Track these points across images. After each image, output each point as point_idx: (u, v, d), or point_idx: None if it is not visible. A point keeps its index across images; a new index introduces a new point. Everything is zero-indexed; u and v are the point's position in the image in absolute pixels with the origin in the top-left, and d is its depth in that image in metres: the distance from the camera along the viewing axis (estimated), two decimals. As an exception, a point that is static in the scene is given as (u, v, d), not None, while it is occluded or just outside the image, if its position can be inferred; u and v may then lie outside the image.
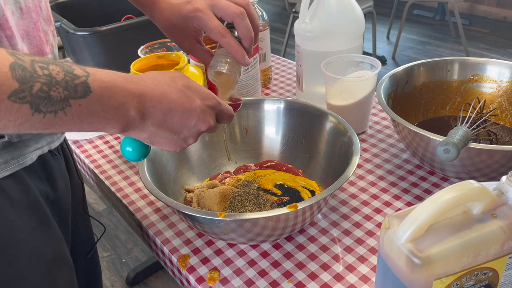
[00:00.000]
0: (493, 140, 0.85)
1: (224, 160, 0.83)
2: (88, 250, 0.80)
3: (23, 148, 0.57)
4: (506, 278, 0.46)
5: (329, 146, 0.77)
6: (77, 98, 0.43)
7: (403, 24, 3.30)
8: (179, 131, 0.53)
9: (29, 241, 0.58)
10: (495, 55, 3.31)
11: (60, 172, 0.67)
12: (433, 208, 0.42)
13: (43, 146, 0.61)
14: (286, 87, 1.16)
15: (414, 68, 0.91)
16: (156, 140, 0.52)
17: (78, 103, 0.43)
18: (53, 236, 0.62)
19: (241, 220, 0.58)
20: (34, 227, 0.58)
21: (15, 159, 0.56)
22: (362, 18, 0.96)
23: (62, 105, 0.43)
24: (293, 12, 2.99)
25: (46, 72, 0.42)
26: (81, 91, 0.44)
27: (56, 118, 0.43)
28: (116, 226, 1.93)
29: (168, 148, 0.55)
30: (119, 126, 0.48)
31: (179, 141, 0.54)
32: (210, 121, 0.54)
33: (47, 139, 0.62)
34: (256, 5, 1.12)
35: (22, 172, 0.57)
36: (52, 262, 0.61)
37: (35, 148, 0.59)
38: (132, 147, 0.55)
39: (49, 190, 0.63)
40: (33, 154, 0.59)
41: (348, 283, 0.62)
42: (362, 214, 0.74)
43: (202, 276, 0.65)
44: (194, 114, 0.52)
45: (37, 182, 0.60)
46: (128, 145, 0.55)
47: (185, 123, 0.52)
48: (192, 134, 0.54)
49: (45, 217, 0.60)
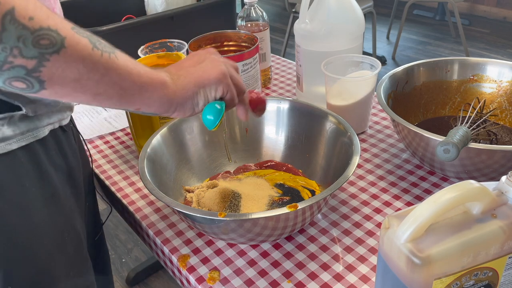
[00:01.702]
0: (493, 140, 0.85)
1: (224, 160, 0.83)
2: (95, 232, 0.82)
3: (36, 122, 0.60)
4: (506, 278, 0.46)
5: (329, 146, 0.77)
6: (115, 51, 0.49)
7: (403, 24, 3.30)
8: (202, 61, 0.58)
9: (41, 209, 0.60)
10: (495, 55, 3.31)
11: (71, 147, 0.69)
12: (433, 208, 0.42)
13: (55, 122, 0.63)
14: (286, 87, 1.16)
15: (414, 68, 0.91)
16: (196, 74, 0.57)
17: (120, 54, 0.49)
18: (65, 208, 0.64)
19: (241, 220, 0.58)
20: (46, 197, 0.61)
21: (30, 131, 0.59)
22: (362, 18, 0.96)
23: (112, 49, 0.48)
24: (293, 12, 2.99)
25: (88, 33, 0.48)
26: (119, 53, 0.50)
27: (110, 59, 0.47)
28: (116, 226, 1.93)
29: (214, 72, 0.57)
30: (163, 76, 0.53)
31: (209, 64, 0.58)
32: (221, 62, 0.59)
33: (58, 116, 0.64)
34: (256, 5, 1.12)
35: (36, 144, 0.60)
36: (62, 232, 0.63)
37: (47, 123, 0.61)
38: (212, 115, 0.60)
39: (62, 163, 0.65)
40: (46, 128, 0.61)
41: (348, 283, 0.62)
42: (362, 214, 0.74)
43: (202, 276, 0.65)
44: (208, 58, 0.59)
45: (50, 154, 0.63)
46: (209, 113, 0.60)
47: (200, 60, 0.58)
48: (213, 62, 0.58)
49: (57, 189, 0.63)
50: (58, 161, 0.64)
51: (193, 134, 0.81)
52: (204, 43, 1.03)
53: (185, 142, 0.80)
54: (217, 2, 1.28)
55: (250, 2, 1.10)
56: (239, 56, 0.92)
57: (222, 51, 1.05)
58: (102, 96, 0.48)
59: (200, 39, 1.02)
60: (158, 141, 0.74)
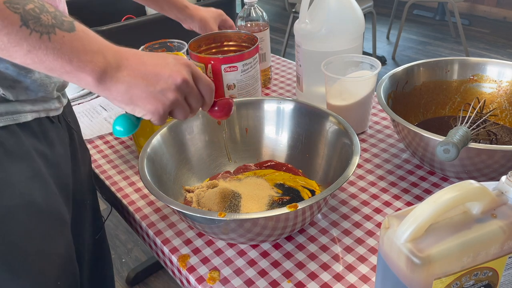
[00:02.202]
0: (493, 140, 0.85)
1: (224, 160, 0.83)
2: (96, 230, 0.82)
3: (18, 106, 0.60)
4: (506, 278, 0.46)
5: (329, 146, 0.77)
6: (62, 29, 0.48)
7: (403, 24, 3.30)
8: (155, 83, 0.54)
9: (22, 188, 0.60)
10: (495, 55, 3.31)
11: (60, 139, 0.69)
12: (433, 208, 0.42)
13: (40, 110, 0.63)
14: (286, 87, 1.16)
15: (414, 68, 0.91)
16: (135, 94, 0.54)
17: (62, 35, 0.48)
18: (47, 191, 0.64)
19: (241, 220, 0.58)
20: (27, 176, 0.61)
21: (9, 114, 0.59)
22: (362, 18, 0.96)
23: (48, 30, 0.47)
24: (293, 12, 2.99)
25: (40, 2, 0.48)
26: (67, 26, 0.49)
27: (40, 40, 0.47)
28: (116, 226, 1.93)
29: (148, 105, 0.55)
30: (96, 71, 0.50)
31: (158, 95, 0.54)
32: (184, 74, 0.56)
33: (44, 104, 0.64)
34: (256, 5, 1.12)
35: (16, 127, 0.60)
36: (45, 214, 0.63)
37: (31, 110, 0.62)
38: (122, 126, 0.59)
39: (47, 150, 0.65)
40: (29, 115, 0.61)
41: (348, 283, 0.62)
42: (362, 214, 0.74)
43: (202, 276, 0.65)
44: (168, 66, 0.55)
45: (32, 140, 0.63)
46: (118, 124, 0.59)
47: (159, 74, 0.54)
48: (169, 86, 0.55)
49: (38, 171, 0.62)
50: (42, 148, 0.64)
51: (193, 134, 0.81)
52: (204, 43, 1.04)
53: (185, 142, 0.80)
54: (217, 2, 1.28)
55: (250, 2, 1.10)
56: (239, 56, 0.92)
57: (222, 51, 1.05)
58: (31, 66, 0.49)
59: (200, 39, 1.02)
60: (158, 141, 0.74)
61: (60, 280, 0.66)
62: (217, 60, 0.92)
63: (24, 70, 0.59)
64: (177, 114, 0.58)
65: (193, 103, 0.59)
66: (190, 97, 0.58)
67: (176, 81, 0.55)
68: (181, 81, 0.55)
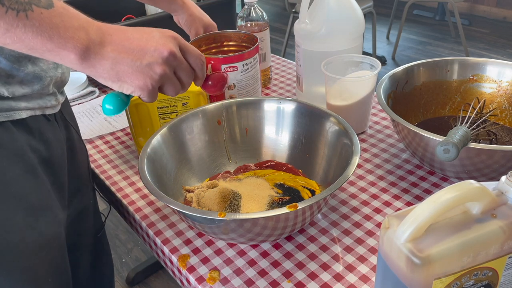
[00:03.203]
0: (493, 140, 0.85)
1: (224, 160, 0.83)
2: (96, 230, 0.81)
3: (12, 103, 0.59)
4: (506, 278, 0.46)
5: (329, 146, 0.77)
6: (39, 6, 0.47)
7: (403, 24, 3.30)
8: (141, 56, 0.53)
9: (13, 184, 0.60)
10: (495, 55, 3.31)
11: (56, 138, 0.69)
12: (433, 208, 0.42)
13: (35, 107, 0.63)
14: (286, 87, 1.16)
15: (414, 68, 0.91)
16: (121, 70, 0.52)
17: (40, 11, 0.46)
18: (40, 187, 0.63)
19: (241, 220, 0.58)
20: (19, 173, 0.60)
21: (3, 111, 0.58)
22: (362, 18, 0.96)
23: (25, 7, 0.46)
24: (293, 12, 2.99)
25: None
26: (44, 2, 0.47)
27: (17, 18, 0.45)
28: (116, 226, 1.93)
29: (137, 81, 0.54)
30: (79, 47, 0.49)
31: (145, 69, 0.53)
32: (171, 46, 0.54)
33: (40, 102, 0.64)
34: (256, 5, 1.12)
35: (10, 124, 0.59)
36: (37, 210, 0.63)
37: (26, 107, 0.61)
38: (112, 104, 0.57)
39: (42, 148, 0.65)
40: (23, 112, 0.61)
41: (348, 283, 0.62)
42: (362, 214, 0.74)
43: (202, 276, 0.65)
44: (153, 39, 0.54)
45: (27, 136, 0.62)
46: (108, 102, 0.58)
47: (144, 48, 0.53)
48: (155, 60, 0.53)
49: (31, 167, 0.62)
50: (36, 145, 0.63)
51: (193, 134, 0.81)
52: (204, 43, 1.04)
53: (185, 142, 0.80)
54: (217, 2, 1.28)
55: (250, 2, 1.10)
56: (239, 56, 0.92)
57: (222, 51, 1.05)
58: (10, 45, 0.48)
59: (200, 39, 1.02)
60: (158, 141, 0.74)
61: (51, 277, 0.66)
62: (217, 60, 0.92)
63: (16, 63, 0.58)
64: (167, 89, 0.57)
65: (183, 77, 0.58)
66: (179, 71, 0.57)
67: (162, 54, 0.54)
68: (167, 53, 0.54)
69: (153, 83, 0.55)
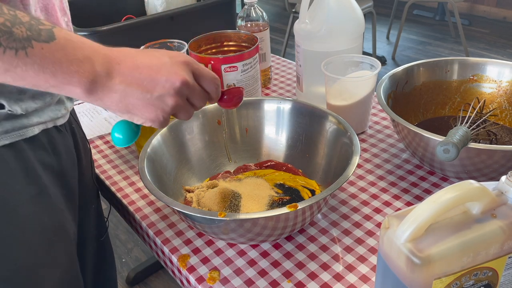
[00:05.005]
0: (493, 140, 0.85)
1: (224, 160, 0.83)
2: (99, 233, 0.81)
3: (24, 120, 0.57)
4: (505, 278, 0.46)
5: (329, 146, 0.77)
6: (40, 41, 0.43)
7: (403, 24, 3.30)
8: (152, 88, 0.49)
9: (26, 207, 0.58)
10: (495, 55, 3.31)
11: (67, 148, 0.68)
12: (433, 208, 0.42)
13: (47, 121, 0.61)
14: (286, 87, 1.16)
15: (414, 68, 0.91)
16: (131, 103, 0.49)
17: (41, 47, 0.43)
18: (53, 207, 0.62)
19: (241, 220, 0.58)
20: (32, 195, 0.59)
21: (16, 130, 0.56)
22: (362, 18, 0.96)
23: (24, 44, 0.42)
24: (293, 12, 2.99)
25: (12, 13, 0.42)
26: (45, 36, 0.43)
27: (17, 57, 0.42)
28: (116, 226, 1.93)
29: (147, 114, 0.51)
30: (85, 82, 0.46)
31: (156, 102, 0.50)
32: (183, 75, 0.51)
33: (51, 114, 0.62)
34: (256, 5, 1.12)
35: (22, 143, 0.58)
36: (51, 232, 0.62)
37: (38, 122, 0.59)
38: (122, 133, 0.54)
39: (54, 162, 0.63)
40: (36, 128, 0.59)
41: (348, 283, 0.62)
42: (362, 214, 0.74)
43: (202, 276, 0.65)
44: (163, 68, 0.50)
45: (40, 153, 0.61)
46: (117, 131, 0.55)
47: (155, 79, 0.49)
48: (167, 91, 0.50)
49: (44, 187, 0.61)
50: (48, 160, 0.62)
51: (193, 134, 0.81)
52: (204, 43, 1.04)
53: (185, 142, 0.80)
54: (217, 2, 1.28)
55: (250, 2, 1.10)
56: (239, 56, 0.92)
57: (222, 51, 1.05)
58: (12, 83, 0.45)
59: (200, 39, 1.02)
60: (158, 141, 0.74)
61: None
62: (217, 60, 0.92)
63: None
64: (180, 116, 0.54)
65: (196, 102, 0.55)
66: (193, 98, 0.54)
67: (174, 84, 0.50)
68: (180, 84, 0.51)
69: (165, 115, 0.52)
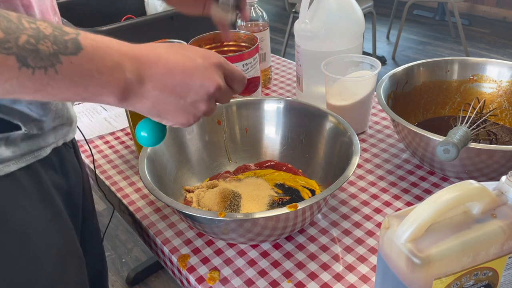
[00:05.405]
0: (493, 140, 0.85)
1: (224, 160, 0.83)
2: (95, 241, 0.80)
3: (40, 141, 0.56)
4: (506, 278, 0.46)
5: (329, 146, 0.77)
6: (67, 54, 0.41)
7: (403, 24, 3.30)
8: (185, 94, 0.48)
9: (43, 232, 0.57)
10: (495, 55, 3.31)
11: (73, 164, 0.67)
12: (433, 208, 0.42)
13: (59, 138, 0.60)
14: (286, 87, 1.16)
15: (414, 68, 0.91)
16: (163, 108, 0.48)
17: (69, 60, 0.41)
18: (66, 229, 0.62)
19: (241, 220, 0.58)
20: (48, 218, 0.58)
21: (32, 152, 0.55)
22: (362, 18, 0.96)
23: (52, 61, 0.40)
24: (293, 12, 2.99)
25: (33, 26, 0.40)
26: (71, 47, 0.41)
27: (46, 76, 0.40)
28: (116, 226, 1.93)
29: (179, 119, 0.50)
30: (117, 91, 0.44)
31: (188, 107, 0.49)
32: (217, 80, 0.50)
33: (64, 131, 0.61)
34: (256, 5, 1.12)
35: (37, 164, 0.56)
36: (64, 254, 0.61)
37: (53, 141, 0.58)
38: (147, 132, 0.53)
39: (63, 182, 0.63)
40: (48, 148, 0.58)
41: (348, 283, 0.62)
42: (362, 214, 0.74)
43: (202, 276, 0.65)
44: (197, 72, 0.48)
45: (51, 174, 0.60)
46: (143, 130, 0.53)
47: (189, 84, 0.48)
48: (201, 97, 0.49)
49: (58, 209, 0.60)
50: (58, 181, 0.62)
51: (193, 134, 0.81)
52: (204, 43, 1.04)
53: (185, 142, 0.80)
54: (217, 2, 1.28)
55: (250, 2, 1.10)
56: (239, 56, 0.92)
57: (222, 51, 1.05)
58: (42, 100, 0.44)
59: (200, 39, 1.02)
60: (158, 141, 0.74)
61: None
62: (217, 60, 0.92)
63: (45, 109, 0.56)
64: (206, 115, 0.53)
65: (224, 102, 0.54)
66: (221, 99, 0.53)
67: (208, 91, 0.49)
68: (214, 89, 0.49)
69: (195, 119, 0.51)
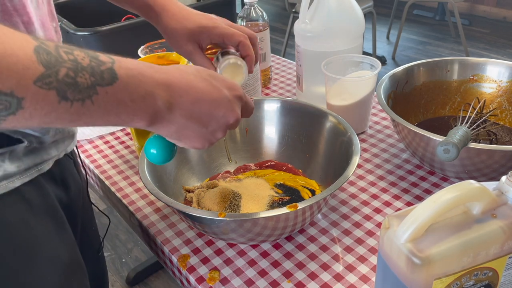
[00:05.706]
0: (493, 140, 0.85)
1: (224, 160, 0.83)
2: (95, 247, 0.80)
3: (43, 154, 0.56)
4: (506, 278, 0.46)
5: (329, 146, 0.77)
6: (104, 85, 0.41)
7: (403, 24, 3.30)
8: (208, 123, 0.51)
9: (48, 245, 0.57)
10: (495, 55, 3.31)
11: (73, 175, 0.67)
12: (433, 208, 0.42)
13: (60, 150, 0.60)
14: (286, 87, 1.16)
15: (414, 68, 0.91)
16: (184, 134, 0.50)
17: (105, 91, 0.41)
18: (68, 241, 0.62)
19: (241, 220, 0.58)
20: (51, 231, 0.58)
21: (36, 165, 0.55)
22: (362, 18, 0.96)
23: (89, 93, 0.40)
24: (293, 12, 2.99)
25: (71, 57, 0.39)
26: (107, 78, 0.41)
27: (83, 107, 0.40)
28: (116, 226, 1.93)
29: (196, 144, 0.52)
30: (146, 118, 0.45)
31: (207, 135, 0.52)
32: (237, 112, 0.53)
33: (66, 143, 0.61)
34: (256, 5, 1.12)
35: (40, 177, 0.57)
36: (68, 266, 0.61)
37: (55, 153, 0.58)
38: (156, 149, 0.53)
39: (63, 194, 0.63)
40: (51, 161, 0.58)
41: (348, 283, 0.62)
42: (362, 214, 0.74)
43: (202, 276, 0.65)
44: (223, 104, 0.51)
45: (53, 186, 0.60)
46: (153, 147, 0.53)
47: (213, 114, 0.50)
48: (220, 127, 0.52)
49: (61, 221, 0.60)
50: (59, 194, 0.62)
51: (193, 134, 0.81)
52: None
53: (185, 142, 0.80)
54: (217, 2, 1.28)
55: (250, 2, 1.10)
56: (239, 56, 0.92)
57: (222, 51, 1.05)
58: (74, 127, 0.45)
59: (200, 39, 1.02)
60: (158, 141, 0.74)
61: None
62: (217, 60, 0.92)
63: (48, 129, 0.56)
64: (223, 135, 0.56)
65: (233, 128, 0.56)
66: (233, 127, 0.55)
67: (228, 121, 0.52)
68: (233, 121, 0.53)
69: (210, 145, 0.54)
